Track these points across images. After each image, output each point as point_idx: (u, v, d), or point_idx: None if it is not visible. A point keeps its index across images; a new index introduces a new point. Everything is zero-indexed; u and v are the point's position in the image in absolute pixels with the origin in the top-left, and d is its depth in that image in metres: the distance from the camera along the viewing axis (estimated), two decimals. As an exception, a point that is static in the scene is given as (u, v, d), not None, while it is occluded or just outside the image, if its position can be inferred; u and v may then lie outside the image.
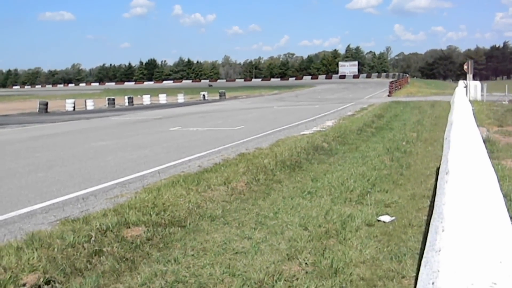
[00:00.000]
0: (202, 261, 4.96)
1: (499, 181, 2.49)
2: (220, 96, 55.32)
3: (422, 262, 1.66)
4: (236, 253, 5.18)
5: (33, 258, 4.83)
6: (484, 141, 10.54)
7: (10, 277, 4.39)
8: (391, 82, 49.47)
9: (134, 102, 46.69)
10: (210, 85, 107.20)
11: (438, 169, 8.97)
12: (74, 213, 6.98)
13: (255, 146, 12.92)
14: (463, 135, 3.37)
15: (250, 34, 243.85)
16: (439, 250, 1.29)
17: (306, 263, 4.78)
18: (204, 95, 54.26)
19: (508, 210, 1.85)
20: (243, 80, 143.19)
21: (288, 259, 4.92)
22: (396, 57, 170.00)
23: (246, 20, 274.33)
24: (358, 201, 7.14)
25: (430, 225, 1.91)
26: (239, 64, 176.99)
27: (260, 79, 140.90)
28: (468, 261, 1.17)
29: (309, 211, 6.61)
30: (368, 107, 27.36)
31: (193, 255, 5.14)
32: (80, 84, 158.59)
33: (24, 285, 4.37)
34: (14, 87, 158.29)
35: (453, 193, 1.75)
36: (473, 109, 8.48)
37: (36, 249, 5.06)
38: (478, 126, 6.34)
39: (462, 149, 2.68)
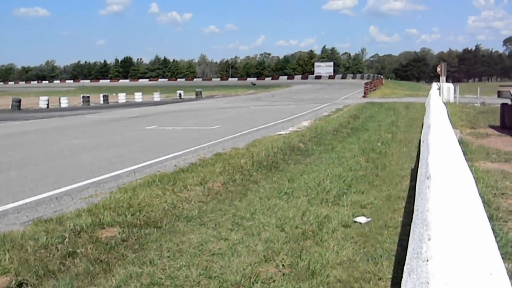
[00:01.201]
0: (178, 262, 4.91)
1: (476, 184, 2.51)
2: (196, 95, 55.06)
3: (405, 269, 1.65)
4: (213, 254, 5.14)
5: (5, 259, 4.74)
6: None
7: (-20, 280, 4.29)
8: (366, 83, 49.84)
9: (110, 100, 46.23)
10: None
11: (413, 170, 9.06)
12: (47, 213, 6.86)
13: (232, 146, 12.88)
14: (441, 139, 3.39)
15: (226, 34, 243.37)
16: (427, 260, 1.27)
17: (283, 265, 4.77)
18: (180, 94, 53.99)
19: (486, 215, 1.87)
20: (219, 79, 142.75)
21: (265, 260, 4.90)
22: (371, 59, 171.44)
23: (222, 19, 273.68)
24: (335, 202, 7.15)
25: (412, 231, 1.89)
26: (216, 63, 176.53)
27: (236, 79, 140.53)
28: (458, 272, 1.15)
29: (286, 212, 6.60)
30: (343, 107, 27.53)
31: (169, 256, 5.09)
32: (54, 81, 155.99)
33: (-5, 287, 4.27)
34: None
35: (437, 199, 1.74)
36: (447, 112, 8.60)
37: (8, 251, 4.96)
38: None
39: (441, 153, 2.69)
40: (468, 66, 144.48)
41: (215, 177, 8.45)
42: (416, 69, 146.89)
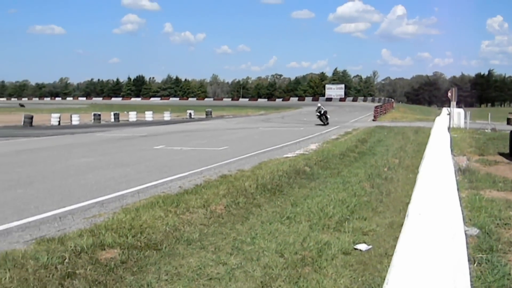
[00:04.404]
0: (175, 286, 4.93)
1: (465, 224, 2.51)
2: (206, 115, 55.34)
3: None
4: (211, 279, 5.15)
5: (5, 278, 4.78)
6: (463, 171, 10.58)
7: (-22, 299, 4.33)
8: (376, 107, 49.84)
9: (120, 119, 46.55)
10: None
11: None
12: (50, 232, 6.91)
13: (238, 168, 12.91)
14: (431, 174, 3.40)
15: (239, 54, 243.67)
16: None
17: (279, 292, 4.77)
18: (190, 113, 54.24)
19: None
20: (230, 99, 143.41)
21: (262, 287, 4.91)
22: (383, 82, 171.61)
23: (235, 40, 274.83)
24: (336, 228, 7.14)
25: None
26: (227, 83, 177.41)
27: (247, 99, 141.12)
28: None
29: (287, 237, 6.61)
30: (352, 131, 27.54)
31: (166, 280, 5.11)
32: (67, 98, 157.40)
33: (-8, 307, 4.31)
34: (0, 99, 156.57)
35: (405, 244, 1.73)
36: (451, 140, 8.58)
37: (9, 270, 5.01)
38: (458, 155, 6.40)
39: (425, 191, 2.69)
40: (480, 91, 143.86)
41: (218, 200, 8.47)
42: (428, 93, 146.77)
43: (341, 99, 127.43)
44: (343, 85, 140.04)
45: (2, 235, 6.86)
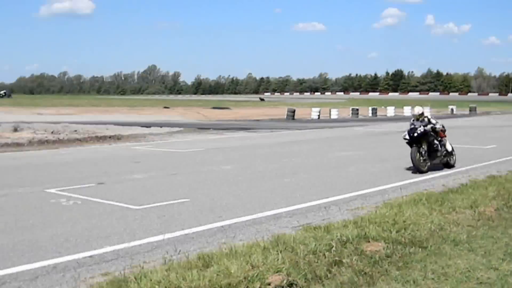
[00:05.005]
0: (442, 286, 4.74)
1: None
2: (470, 110, 52.30)
3: None
4: (480, 283, 4.82)
5: (278, 259, 5.15)
6: None
7: (257, 275, 4.75)
8: None
9: (378, 113, 46.79)
10: None
11: None
12: (315, 220, 7.27)
13: (508, 169, 11.89)
14: None
15: (509, 45, 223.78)
16: None
17: None
18: (452, 109, 51.88)
19: None
20: (497, 94, 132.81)
21: (541, 300, 4.43)
22: None
23: (505, 30, 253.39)
24: None
25: None
26: (494, 77, 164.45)
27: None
28: None
29: None
30: None
31: (433, 278, 4.94)
32: (326, 93, 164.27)
33: (269, 284, 4.68)
34: (265, 94, 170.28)
35: None
36: None
37: (281, 252, 5.39)
38: None
39: None
40: None
41: (487, 201, 7.93)
42: None
43: None
44: None
45: (273, 219, 7.47)
